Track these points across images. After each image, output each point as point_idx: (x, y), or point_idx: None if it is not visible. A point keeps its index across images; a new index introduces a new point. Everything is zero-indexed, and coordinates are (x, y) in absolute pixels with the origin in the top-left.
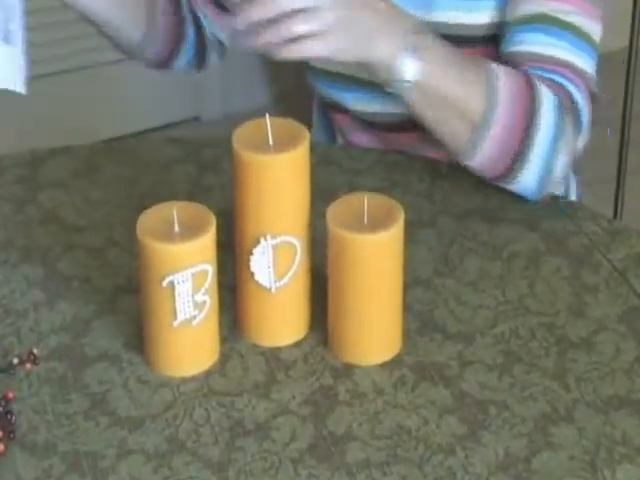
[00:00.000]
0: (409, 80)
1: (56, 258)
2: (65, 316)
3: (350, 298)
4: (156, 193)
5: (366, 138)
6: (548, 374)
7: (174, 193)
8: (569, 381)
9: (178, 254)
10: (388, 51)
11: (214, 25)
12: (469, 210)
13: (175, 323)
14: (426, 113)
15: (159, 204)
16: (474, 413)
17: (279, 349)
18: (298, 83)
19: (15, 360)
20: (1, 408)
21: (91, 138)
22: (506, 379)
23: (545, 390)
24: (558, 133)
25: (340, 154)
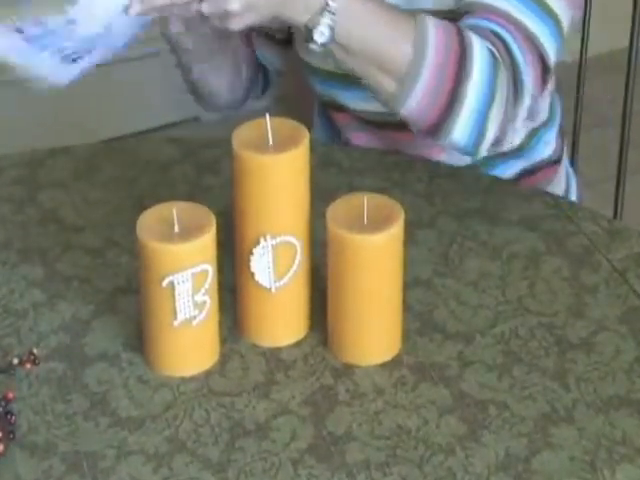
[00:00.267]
0: (323, 43)
1: (56, 258)
2: (65, 316)
3: (350, 298)
4: (156, 193)
5: (366, 137)
6: (548, 374)
7: (174, 193)
8: (569, 381)
9: (178, 254)
10: (302, 9)
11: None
12: (469, 210)
13: (175, 323)
14: (350, 67)
15: (159, 204)
16: (474, 413)
17: (279, 349)
18: (298, 83)
19: (15, 360)
20: (1, 408)
21: (91, 138)
22: (506, 379)
23: (545, 390)
24: (491, 86)
25: (340, 154)
